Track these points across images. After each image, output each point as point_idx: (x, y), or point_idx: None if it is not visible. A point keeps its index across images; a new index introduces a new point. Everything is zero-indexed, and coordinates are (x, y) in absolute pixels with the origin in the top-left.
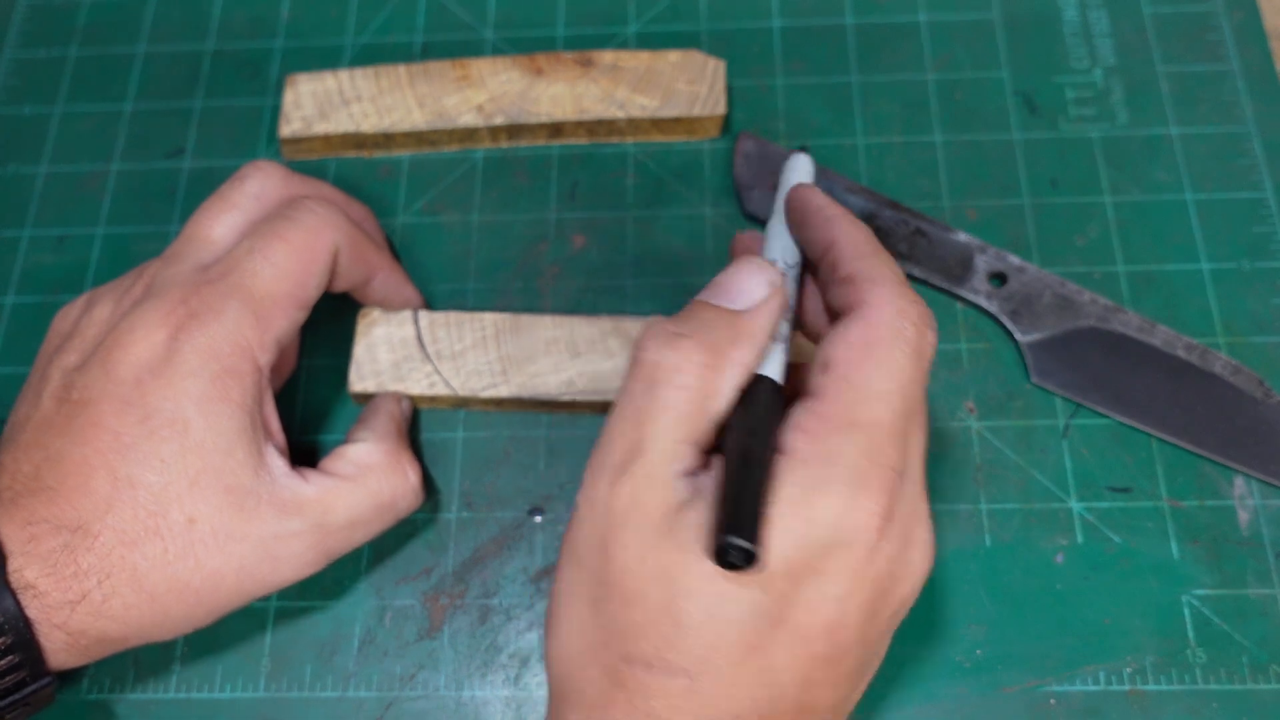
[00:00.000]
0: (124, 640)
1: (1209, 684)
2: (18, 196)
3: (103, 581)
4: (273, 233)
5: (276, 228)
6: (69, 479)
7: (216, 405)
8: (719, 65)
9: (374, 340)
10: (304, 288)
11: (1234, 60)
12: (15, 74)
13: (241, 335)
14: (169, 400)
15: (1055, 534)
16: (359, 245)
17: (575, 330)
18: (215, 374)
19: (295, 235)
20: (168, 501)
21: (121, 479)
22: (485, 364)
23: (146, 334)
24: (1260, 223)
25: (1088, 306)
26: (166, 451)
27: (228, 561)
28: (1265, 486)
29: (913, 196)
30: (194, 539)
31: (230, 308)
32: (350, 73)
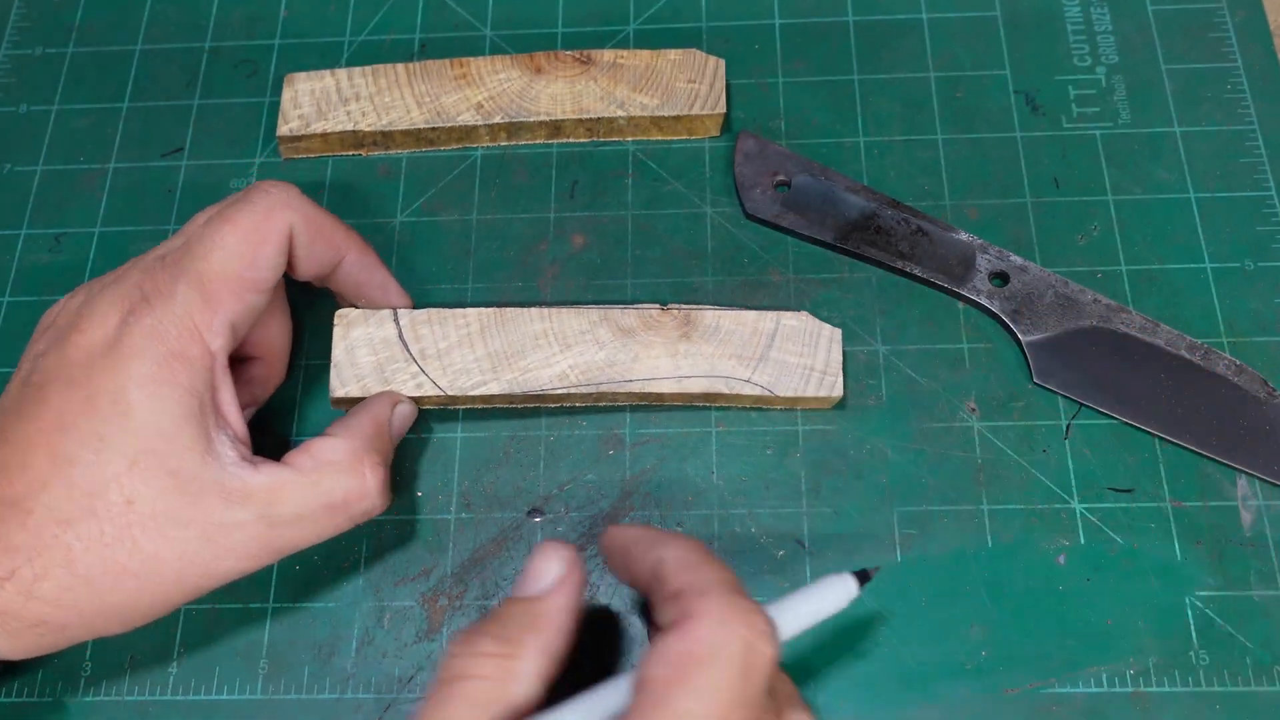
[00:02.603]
0: (64, 628)
1: (1212, 686)
2: (14, 195)
3: (33, 559)
4: (222, 215)
5: (226, 210)
6: (11, 457)
7: (161, 388)
8: (719, 64)
9: (353, 342)
10: (254, 268)
11: (1237, 58)
12: (12, 72)
13: (189, 318)
14: (113, 381)
15: (1057, 535)
16: (319, 224)
17: (564, 322)
18: (162, 356)
19: (244, 216)
20: (105, 482)
21: (60, 457)
22: (473, 361)
23: (101, 318)
24: (1264, 222)
25: (1090, 306)
26: (107, 431)
27: (167, 547)
28: (1268, 487)
29: (914, 195)
30: (132, 521)
31: (179, 290)
32: (348, 71)
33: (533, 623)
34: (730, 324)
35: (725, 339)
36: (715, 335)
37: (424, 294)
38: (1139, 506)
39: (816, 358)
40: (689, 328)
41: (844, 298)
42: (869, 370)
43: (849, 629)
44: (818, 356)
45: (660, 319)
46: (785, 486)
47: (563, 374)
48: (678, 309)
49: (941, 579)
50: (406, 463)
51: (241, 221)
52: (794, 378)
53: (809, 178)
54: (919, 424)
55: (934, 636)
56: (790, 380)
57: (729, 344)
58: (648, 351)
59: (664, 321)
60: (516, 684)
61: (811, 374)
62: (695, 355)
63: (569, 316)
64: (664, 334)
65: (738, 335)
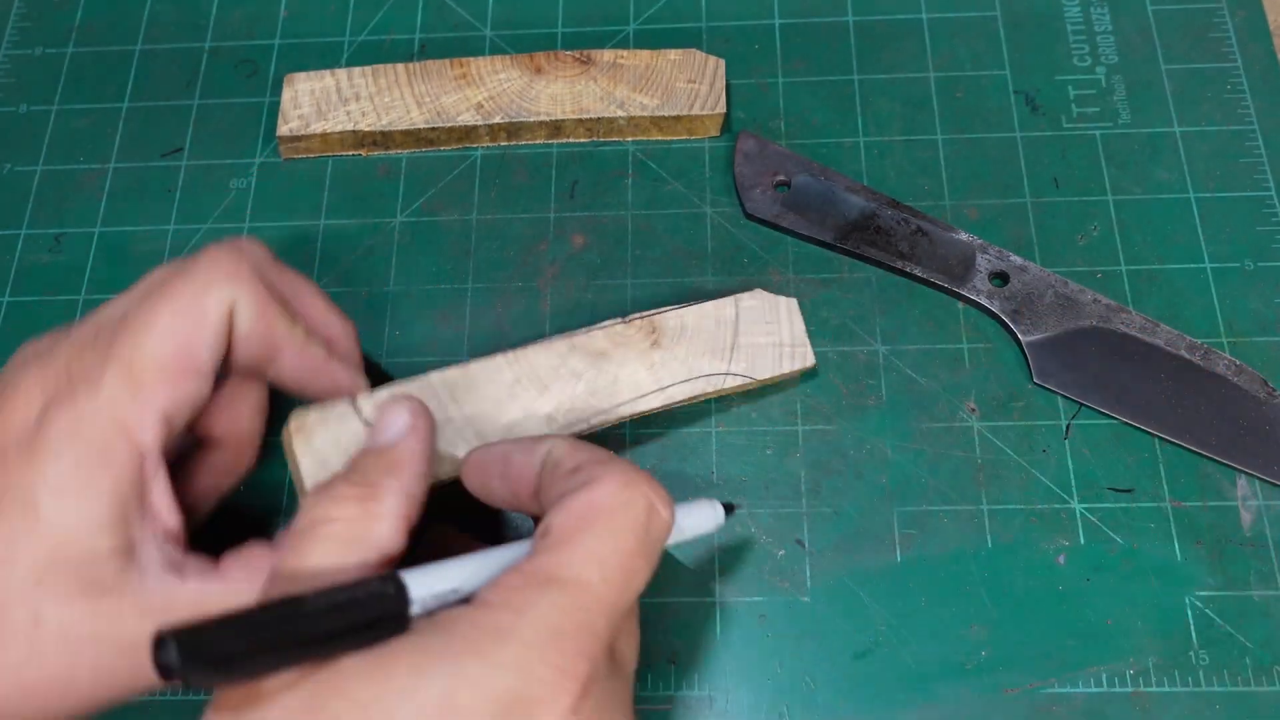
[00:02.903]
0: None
1: (1212, 686)
2: (14, 195)
3: None
4: (161, 288)
5: (167, 281)
6: None
7: (78, 492)
8: (719, 64)
9: (320, 450)
10: (191, 354)
11: (1237, 58)
12: (12, 72)
13: (116, 412)
14: (25, 479)
15: (1057, 535)
16: (262, 307)
17: (534, 363)
18: (81, 457)
19: (181, 291)
20: (11, 597)
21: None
22: (454, 432)
23: (26, 399)
24: (1263, 222)
25: (1090, 306)
26: (14, 537)
27: (79, 664)
28: (1268, 487)
29: (914, 195)
30: (39, 639)
31: (106, 379)
32: (348, 71)
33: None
34: (695, 320)
35: (694, 337)
36: (684, 336)
37: (424, 294)
38: (1139, 506)
39: (782, 333)
40: (657, 335)
41: (844, 298)
42: (869, 370)
43: (849, 629)
44: (783, 332)
45: (628, 334)
46: (785, 486)
47: (549, 418)
48: (640, 318)
49: (941, 579)
50: None
51: (177, 298)
52: (768, 358)
53: (809, 178)
54: (919, 424)
55: (934, 636)
56: (765, 361)
57: (699, 341)
58: (624, 370)
59: (631, 335)
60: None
61: (783, 350)
62: (671, 361)
63: (538, 355)
64: (635, 348)
65: (705, 330)
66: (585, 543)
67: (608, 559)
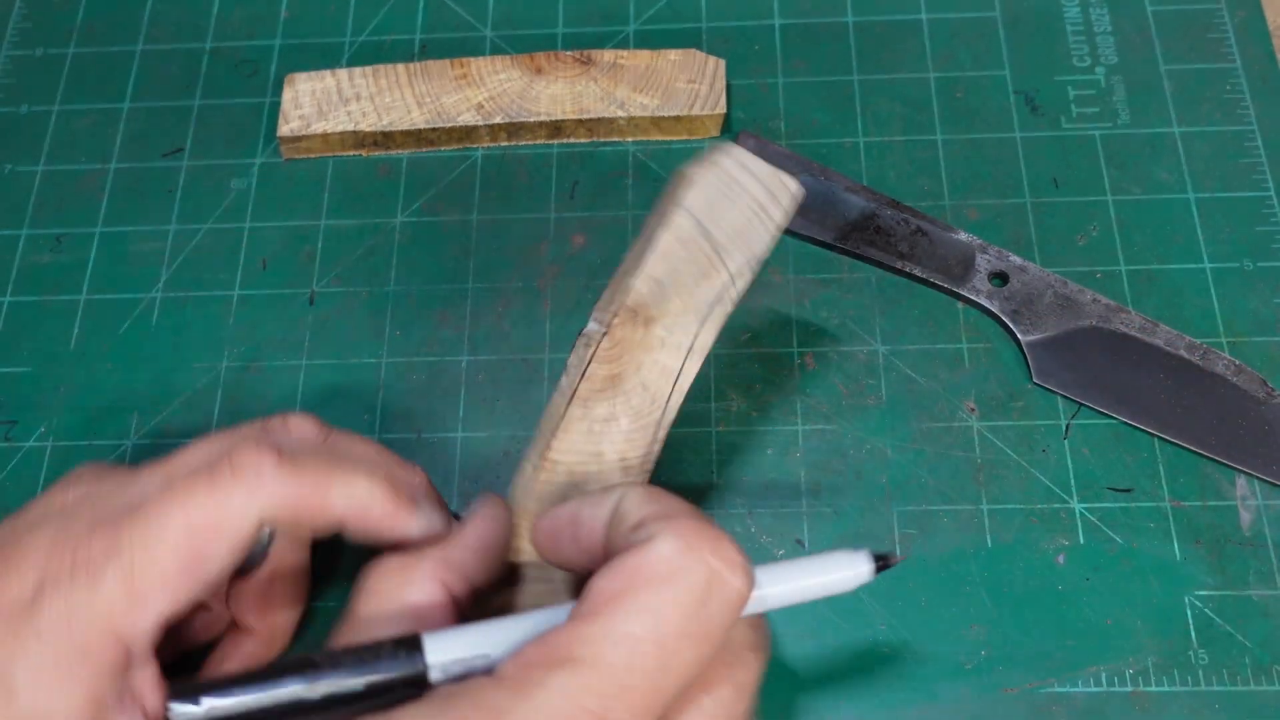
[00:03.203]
0: None
1: (1211, 685)
2: (15, 195)
3: None
4: (180, 484)
5: (190, 478)
6: None
7: (55, 680)
8: (719, 64)
9: None
10: (201, 566)
11: (1237, 59)
12: (13, 72)
13: (109, 617)
14: (7, 655)
15: (1057, 534)
16: (293, 512)
17: (566, 445)
18: (66, 649)
19: (201, 498)
20: None
21: None
22: None
23: (25, 570)
24: (1263, 222)
25: (1089, 306)
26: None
27: None
28: (1267, 487)
29: (914, 196)
30: None
31: (106, 578)
32: (349, 71)
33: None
34: (663, 266)
35: (678, 279)
36: (668, 290)
37: (424, 294)
38: (1138, 506)
39: (747, 183)
40: (642, 315)
41: (844, 298)
42: (869, 370)
43: (849, 628)
44: (747, 181)
45: (618, 339)
46: (785, 486)
47: (623, 465)
48: (613, 315)
49: (941, 579)
50: None
51: (196, 507)
52: (755, 227)
53: (809, 178)
54: (919, 424)
55: (934, 636)
56: (756, 231)
57: (684, 277)
58: (646, 370)
59: (624, 334)
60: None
61: (757, 204)
62: (679, 321)
63: (564, 439)
64: (638, 344)
65: (678, 260)
66: (617, 617)
67: (641, 639)
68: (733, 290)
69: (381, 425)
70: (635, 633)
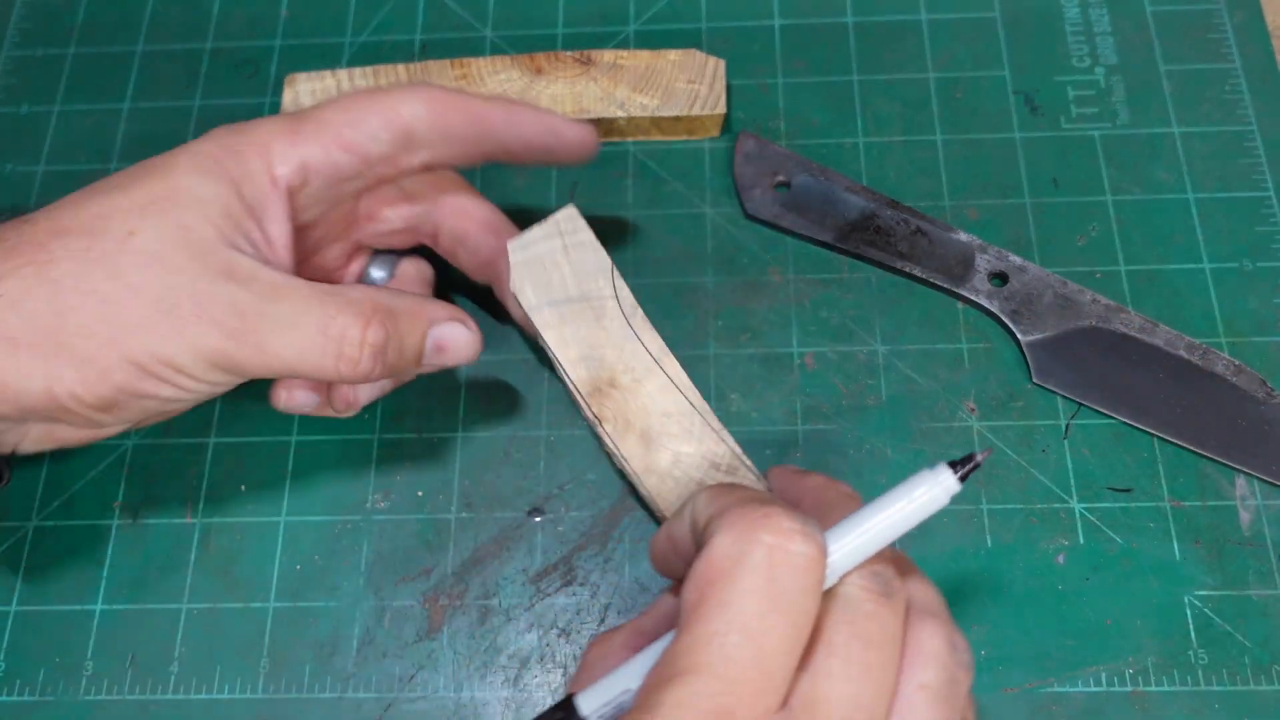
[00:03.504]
0: (14, 342)
1: (1211, 685)
2: (15, 195)
3: (10, 256)
4: (361, 91)
5: (369, 90)
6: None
7: (210, 165)
8: (719, 64)
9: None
10: (353, 126)
11: (1236, 59)
12: (13, 73)
13: (267, 138)
14: (174, 154)
15: (1057, 534)
16: (452, 115)
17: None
18: (225, 146)
19: (374, 90)
20: (114, 210)
21: (91, 187)
22: None
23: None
24: (1262, 222)
25: (1089, 306)
26: (140, 176)
27: (149, 284)
28: (1267, 487)
29: (913, 196)
30: (125, 249)
31: (273, 119)
32: (349, 72)
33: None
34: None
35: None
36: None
37: None
38: (1138, 506)
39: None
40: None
41: (844, 298)
42: (869, 370)
43: None
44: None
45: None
46: None
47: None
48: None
49: (941, 579)
50: (407, 462)
51: (367, 91)
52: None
53: (809, 178)
54: (919, 424)
55: None
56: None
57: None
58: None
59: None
60: None
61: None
62: None
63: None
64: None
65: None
66: (701, 622)
67: (725, 634)
68: (624, 297)
69: (381, 425)
70: (719, 630)
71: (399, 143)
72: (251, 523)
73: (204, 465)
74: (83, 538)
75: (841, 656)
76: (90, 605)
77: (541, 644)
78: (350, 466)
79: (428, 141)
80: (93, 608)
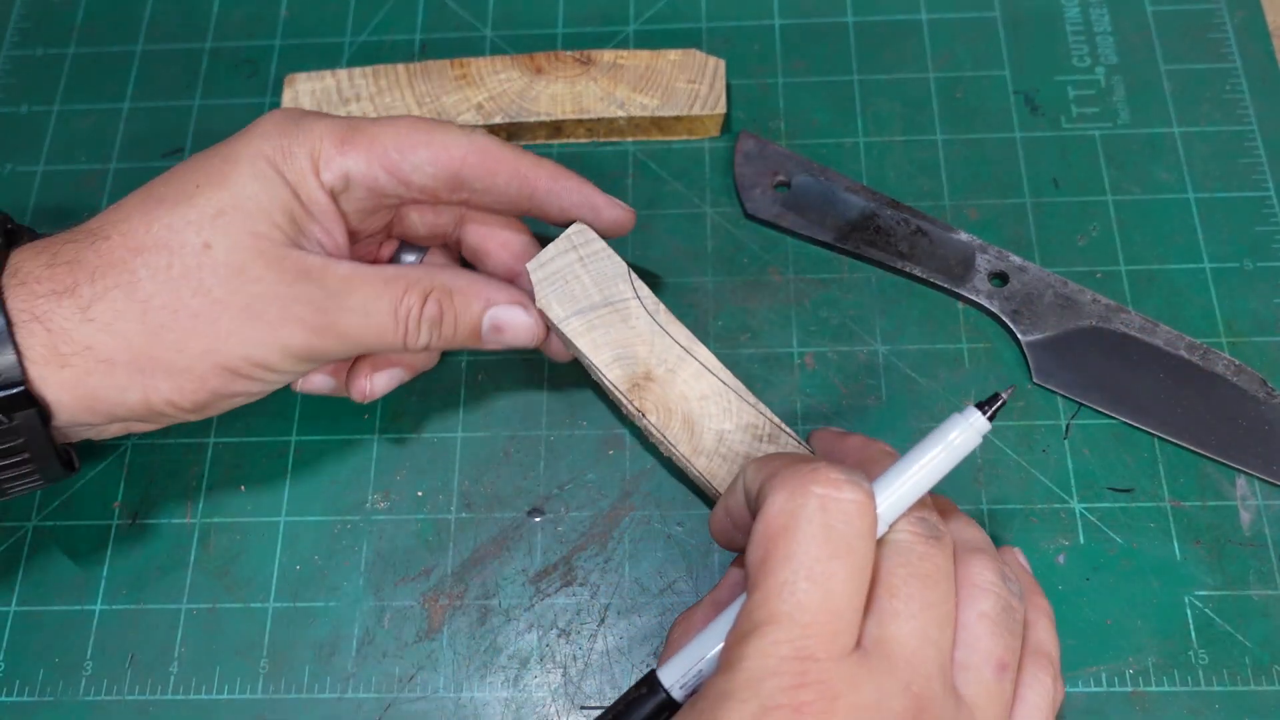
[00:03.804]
0: (111, 366)
1: (1211, 685)
2: (15, 195)
3: (97, 278)
4: (420, 119)
5: (427, 121)
6: (118, 203)
7: (264, 168)
8: (719, 64)
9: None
10: (400, 151)
11: (1236, 59)
12: (13, 72)
13: (319, 139)
14: (232, 148)
15: (1057, 534)
16: (493, 162)
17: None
18: (280, 146)
19: (424, 123)
20: (187, 223)
21: (152, 198)
22: None
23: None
24: (1263, 222)
25: (1089, 306)
26: (204, 182)
27: (233, 295)
28: (1267, 487)
29: (914, 196)
30: (204, 263)
31: (332, 122)
32: (349, 72)
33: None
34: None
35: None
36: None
37: None
38: (1138, 506)
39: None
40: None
41: (844, 298)
42: (869, 370)
43: None
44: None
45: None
46: None
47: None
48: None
49: None
50: (407, 462)
51: (425, 121)
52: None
53: (809, 178)
54: (919, 424)
55: None
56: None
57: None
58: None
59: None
60: None
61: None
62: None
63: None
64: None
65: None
66: (769, 576)
67: (794, 581)
68: (645, 296)
69: (381, 425)
70: (788, 579)
71: (442, 179)
72: (251, 523)
73: (204, 465)
74: (82, 538)
75: (903, 597)
76: (90, 605)
77: (541, 644)
78: (350, 466)
79: (470, 187)
80: (92, 608)
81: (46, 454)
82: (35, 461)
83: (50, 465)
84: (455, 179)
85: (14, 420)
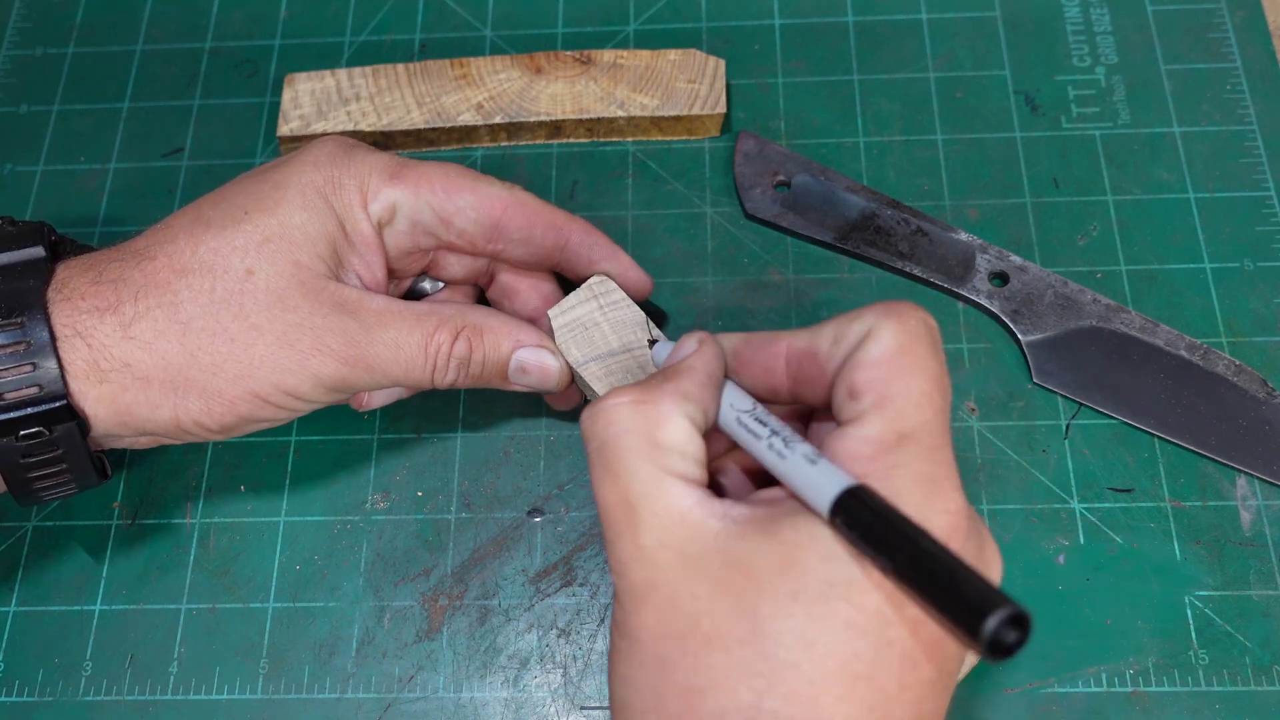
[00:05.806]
0: (148, 383)
1: (1211, 685)
2: (15, 195)
3: (140, 297)
4: (467, 169)
5: (474, 172)
6: (164, 221)
7: (314, 199)
8: (719, 64)
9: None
10: (448, 192)
11: (1237, 58)
12: (13, 72)
13: (369, 172)
14: (281, 175)
15: (1057, 534)
16: (534, 220)
17: None
18: (330, 177)
19: (479, 174)
20: (232, 248)
21: (200, 221)
22: None
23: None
24: (1263, 222)
25: (1089, 306)
26: (252, 208)
27: (271, 322)
28: (1268, 487)
29: (914, 196)
30: (245, 289)
31: (382, 157)
32: (349, 72)
33: (668, 376)
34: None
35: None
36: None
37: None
38: (1138, 506)
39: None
40: None
41: (844, 298)
42: None
43: None
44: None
45: None
46: None
47: None
48: None
49: None
50: (407, 462)
51: (471, 171)
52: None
53: (809, 178)
54: None
55: None
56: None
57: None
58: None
59: None
60: (665, 429)
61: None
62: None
63: None
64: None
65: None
66: (906, 388)
67: (931, 392)
68: (659, 340)
69: (381, 425)
70: (926, 389)
71: (483, 225)
72: (251, 523)
73: (203, 465)
74: (82, 538)
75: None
76: (89, 605)
77: (541, 644)
78: (350, 466)
79: (507, 237)
80: (92, 608)
81: (83, 464)
82: (72, 471)
83: (86, 474)
84: (495, 227)
85: (54, 433)
